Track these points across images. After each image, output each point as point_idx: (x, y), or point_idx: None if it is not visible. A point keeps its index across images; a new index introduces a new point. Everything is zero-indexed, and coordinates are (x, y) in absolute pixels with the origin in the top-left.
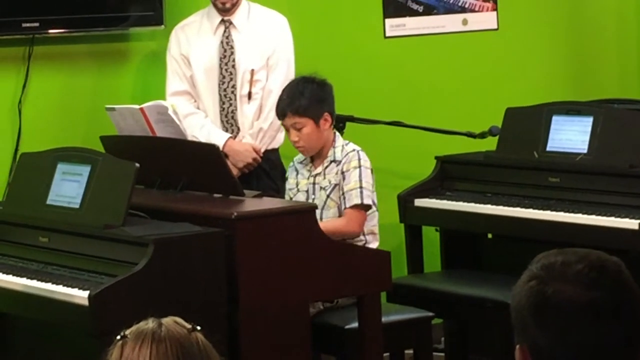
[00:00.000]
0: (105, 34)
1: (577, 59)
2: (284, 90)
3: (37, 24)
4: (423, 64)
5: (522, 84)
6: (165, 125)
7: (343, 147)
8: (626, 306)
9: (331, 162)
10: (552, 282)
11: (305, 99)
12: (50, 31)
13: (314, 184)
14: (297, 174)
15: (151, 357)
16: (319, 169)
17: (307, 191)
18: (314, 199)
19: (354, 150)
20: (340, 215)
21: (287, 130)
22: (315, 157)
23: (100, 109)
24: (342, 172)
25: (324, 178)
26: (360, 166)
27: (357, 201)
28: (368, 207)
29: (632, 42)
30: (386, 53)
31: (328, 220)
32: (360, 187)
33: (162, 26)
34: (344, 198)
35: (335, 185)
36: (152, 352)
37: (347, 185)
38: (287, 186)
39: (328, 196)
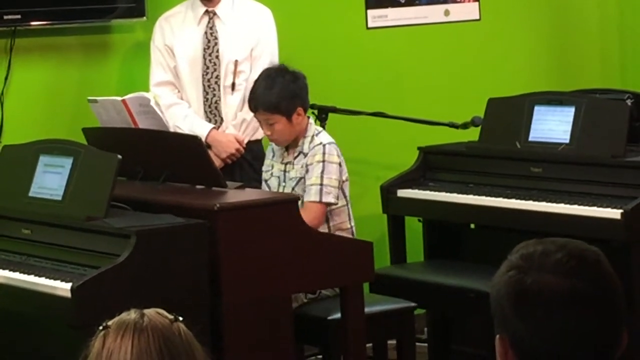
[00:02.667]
0: (88, 26)
1: (558, 49)
2: (255, 83)
3: (18, 16)
4: (405, 55)
5: (504, 74)
6: (147, 117)
7: (312, 138)
8: (605, 294)
9: (300, 152)
10: (531, 272)
11: (276, 95)
12: (32, 23)
13: (285, 171)
14: (274, 156)
15: (133, 348)
16: (290, 158)
17: (279, 177)
18: (284, 187)
19: (320, 143)
20: None
21: (260, 122)
22: (290, 144)
23: (84, 101)
24: (306, 167)
25: (293, 168)
26: (323, 161)
27: (315, 198)
28: (326, 204)
29: (614, 33)
30: (368, 44)
31: None
32: (321, 185)
33: (144, 18)
34: (305, 192)
35: (301, 178)
36: (134, 342)
37: (308, 180)
38: (264, 167)
39: (293, 189)
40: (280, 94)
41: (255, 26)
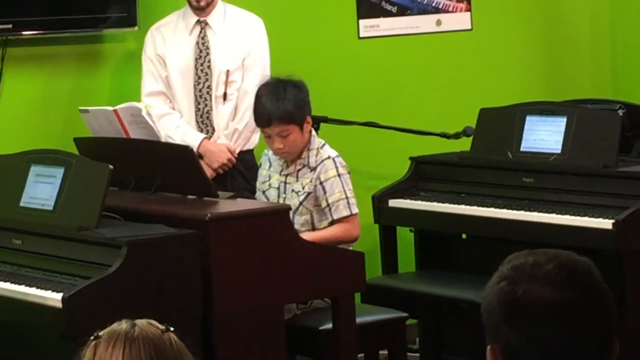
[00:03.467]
0: (79, 36)
1: (550, 59)
2: (262, 96)
3: (10, 26)
4: (397, 65)
5: (496, 84)
6: (138, 127)
7: (318, 150)
8: (596, 305)
9: (304, 165)
10: (522, 283)
11: (291, 104)
12: (24, 33)
13: (285, 183)
14: (270, 166)
15: (124, 357)
16: (291, 170)
17: (278, 188)
18: (284, 199)
19: (329, 157)
20: (313, 222)
21: (269, 137)
22: None
23: (75, 111)
24: (321, 183)
25: (297, 180)
26: (339, 174)
27: (347, 213)
28: (356, 214)
29: (606, 43)
30: (360, 54)
31: (327, 230)
32: (346, 197)
33: (136, 27)
34: (330, 209)
35: (309, 193)
36: (125, 352)
37: (331, 197)
38: (260, 178)
39: (301, 203)
40: (293, 103)
41: (247, 36)
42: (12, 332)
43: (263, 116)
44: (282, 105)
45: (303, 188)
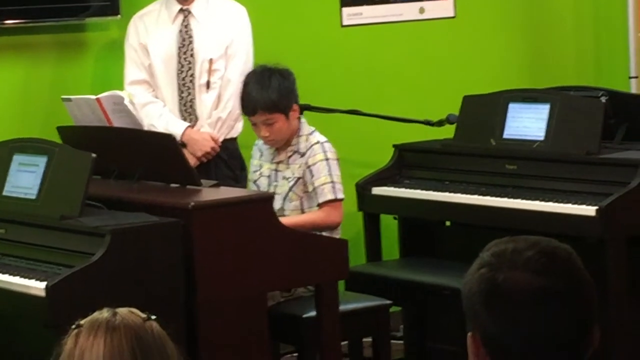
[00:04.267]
0: (62, 24)
1: (533, 46)
2: (248, 84)
3: None
4: (380, 53)
5: (479, 71)
6: (121, 116)
7: (307, 137)
8: (576, 292)
9: (295, 152)
10: (502, 270)
11: (275, 93)
12: (6, 22)
13: (276, 170)
14: (261, 155)
15: (105, 346)
16: (282, 157)
17: (269, 177)
18: (275, 186)
19: (318, 142)
20: (302, 208)
21: (255, 125)
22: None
23: (58, 100)
24: (308, 167)
25: (287, 167)
26: (327, 159)
27: (331, 196)
28: (341, 199)
29: (589, 30)
30: (343, 42)
31: (307, 214)
32: (332, 182)
33: (119, 16)
34: (316, 193)
35: (299, 178)
36: (107, 341)
37: (317, 180)
38: (251, 167)
39: (290, 189)
40: (278, 92)
41: (230, 24)
42: None
43: (249, 105)
44: (267, 94)
45: (293, 174)
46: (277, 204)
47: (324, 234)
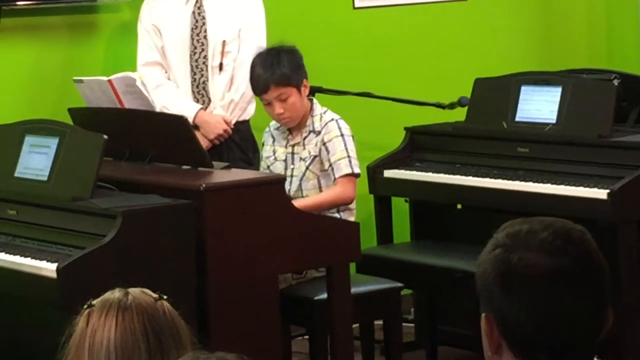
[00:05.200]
0: (74, 6)
1: (546, 29)
2: (256, 65)
3: None
4: (392, 35)
5: (491, 54)
6: (133, 97)
7: (321, 116)
8: (590, 273)
9: (310, 132)
10: (517, 250)
11: (286, 67)
12: (18, 3)
13: (292, 153)
14: (274, 141)
15: (117, 325)
16: (298, 139)
17: (285, 160)
18: (293, 169)
19: (332, 119)
20: (320, 187)
21: (268, 104)
22: (294, 126)
23: (70, 81)
24: (324, 144)
25: (304, 148)
26: (342, 134)
27: (348, 170)
28: (358, 175)
29: (601, 12)
30: (355, 24)
31: (321, 194)
32: (348, 157)
33: None
34: (332, 169)
35: (315, 157)
36: (118, 320)
37: (333, 156)
38: (264, 154)
39: (307, 168)
40: (289, 65)
41: (243, 6)
42: (6, 303)
43: (260, 83)
44: (278, 69)
45: (310, 153)
46: (294, 186)
47: (340, 214)
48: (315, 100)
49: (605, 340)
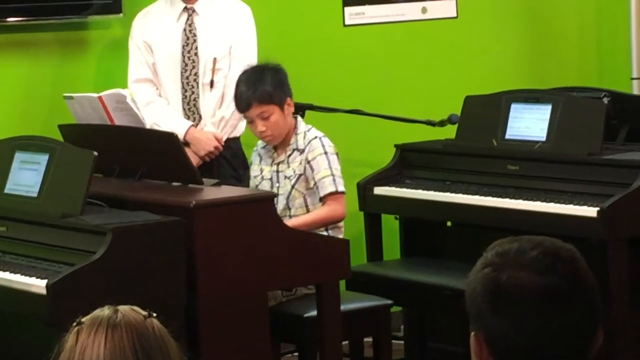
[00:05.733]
0: (64, 22)
1: (536, 47)
2: (240, 82)
3: None
4: (382, 53)
5: (481, 72)
6: (123, 114)
7: (305, 134)
8: (580, 292)
9: (294, 150)
10: (506, 269)
11: (269, 85)
12: (8, 19)
13: (277, 172)
14: (261, 160)
15: (107, 343)
16: (282, 157)
17: (270, 179)
18: (278, 187)
19: (316, 137)
20: (306, 205)
21: (251, 122)
22: (279, 144)
23: (60, 98)
24: (308, 162)
25: (288, 167)
26: (326, 152)
27: (332, 189)
28: (342, 193)
29: (591, 30)
30: (346, 41)
31: (311, 213)
32: (332, 175)
33: (121, 14)
34: (317, 187)
35: (300, 175)
36: (108, 338)
37: (318, 174)
38: (252, 173)
39: (293, 187)
40: (271, 84)
41: (234, 23)
42: None
43: (242, 100)
44: (260, 86)
45: (294, 172)
46: (280, 205)
47: (328, 232)
48: (299, 118)
49: (596, 358)
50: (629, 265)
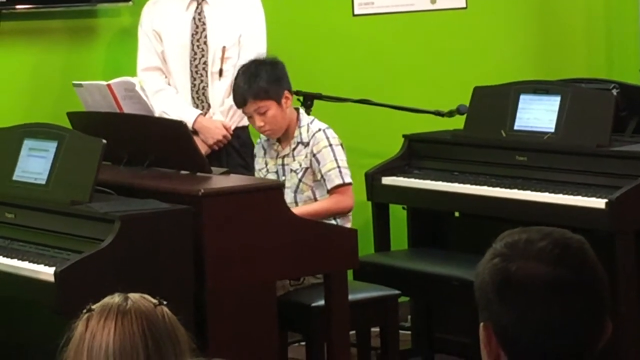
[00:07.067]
0: (73, 10)
1: (545, 38)
2: (237, 77)
3: (3, 0)
4: (391, 43)
5: (490, 63)
6: (132, 102)
7: (308, 126)
8: (589, 283)
9: (298, 143)
10: (515, 260)
11: (263, 80)
12: (18, 7)
13: (283, 165)
14: (265, 153)
15: (116, 330)
16: (287, 150)
17: (276, 172)
18: (284, 181)
19: (319, 129)
20: (315, 198)
21: (250, 118)
22: (282, 137)
23: (69, 85)
24: (314, 155)
25: (294, 160)
26: (330, 144)
27: (339, 181)
28: (349, 184)
29: (600, 22)
30: (355, 31)
31: (318, 202)
32: (338, 167)
33: (130, 2)
34: (324, 180)
35: (307, 168)
36: (117, 325)
37: (324, 167)
38: (257, 166)
39: (300, 180)
40: (267, 79)
41: (243, 12)
42: (4, 306)
43: (238, 96)
44: (255, 82)
45: (300, 165)
46: (288, 198)
47: (337, 221)
48: (301, 111)
49: (603, 350)
50: (636, 256)
